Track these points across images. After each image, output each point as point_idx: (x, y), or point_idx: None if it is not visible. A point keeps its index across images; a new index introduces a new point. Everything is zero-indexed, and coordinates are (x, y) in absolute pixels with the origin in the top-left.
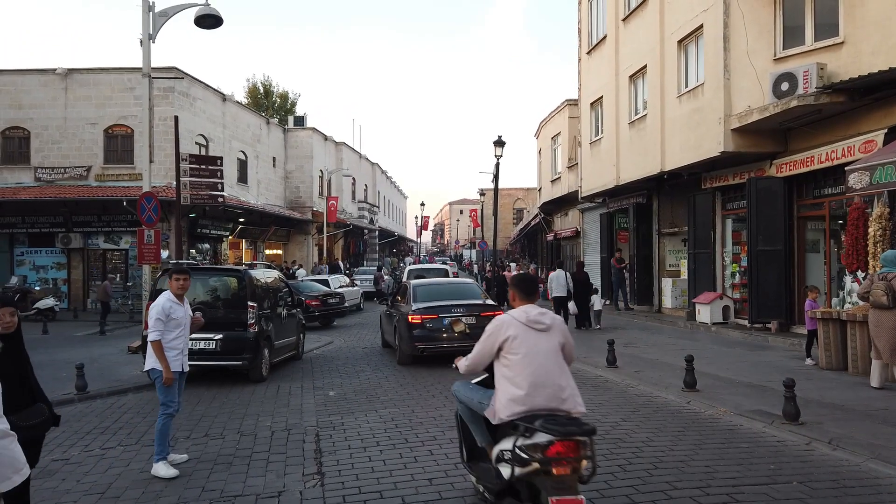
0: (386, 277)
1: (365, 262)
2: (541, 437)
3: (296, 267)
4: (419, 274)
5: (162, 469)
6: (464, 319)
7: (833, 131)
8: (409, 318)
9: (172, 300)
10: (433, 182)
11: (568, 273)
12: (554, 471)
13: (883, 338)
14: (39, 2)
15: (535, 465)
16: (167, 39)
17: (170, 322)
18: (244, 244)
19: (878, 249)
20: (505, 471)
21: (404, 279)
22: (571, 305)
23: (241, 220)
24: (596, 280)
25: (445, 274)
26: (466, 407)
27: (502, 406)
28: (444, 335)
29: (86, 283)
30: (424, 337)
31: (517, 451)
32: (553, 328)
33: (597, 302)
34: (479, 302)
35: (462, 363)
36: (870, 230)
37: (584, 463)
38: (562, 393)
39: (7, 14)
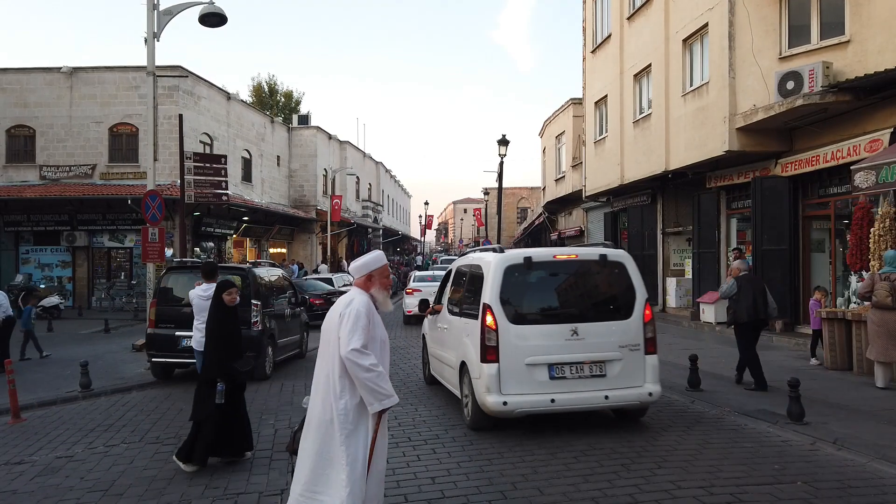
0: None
1: None
2: None
3: (318, 264)
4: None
5: None
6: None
7: (839, 130)
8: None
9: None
10: (437, 181)
11: None
12: None
13: (884, 338)
14: (44, 0)
15: None
16: (172, 38)
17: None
18: (248, 243)
19: (880, 248)
20: None
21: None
22: None
23: (246, 218)
24: None
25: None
26: None
27: None
28: None
29: (90, 282)
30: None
31: None
32: None
33: None
34: None
35: None
36: (872, 229)
37: None
38: None
39: (12, 13)
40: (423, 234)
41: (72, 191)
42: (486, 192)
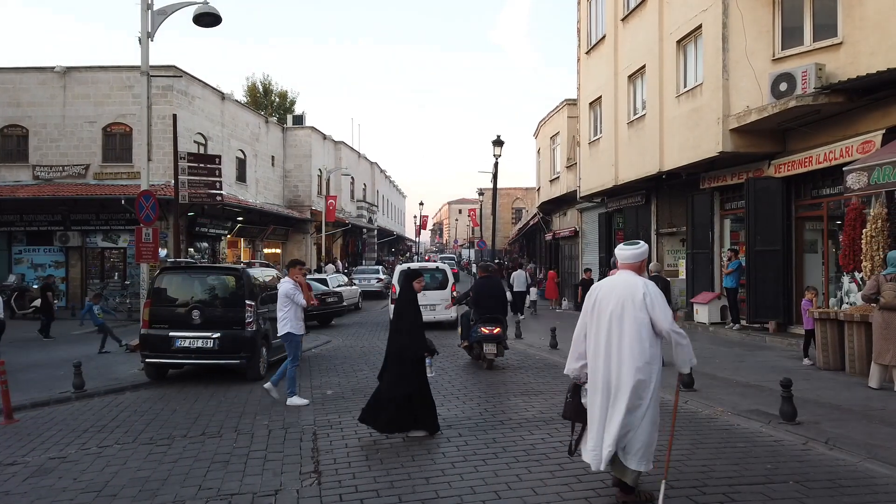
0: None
1: (364, 262)
2: None
3: (324, 264)
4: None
5: (297, 400)
6: None
7: (831, 132)
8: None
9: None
10: (432, 181)
11: (526, 272)
12: None
13: (892, 339)
14: (38, 0)
15: None
16: (166, 38)
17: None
18: (243, 243)
19: (873, 249)
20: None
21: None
22: (533, 291)
23: (240, 218)
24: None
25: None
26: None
27: None
28: None
29: (84, 282)
30: None
31: None
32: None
33: (532, 293)
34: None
35: None
36: (864, 230)
37: None
38: None
39: (5, 12)
40: (418, 234)
41: (65, 191)
42: (481, 193)
